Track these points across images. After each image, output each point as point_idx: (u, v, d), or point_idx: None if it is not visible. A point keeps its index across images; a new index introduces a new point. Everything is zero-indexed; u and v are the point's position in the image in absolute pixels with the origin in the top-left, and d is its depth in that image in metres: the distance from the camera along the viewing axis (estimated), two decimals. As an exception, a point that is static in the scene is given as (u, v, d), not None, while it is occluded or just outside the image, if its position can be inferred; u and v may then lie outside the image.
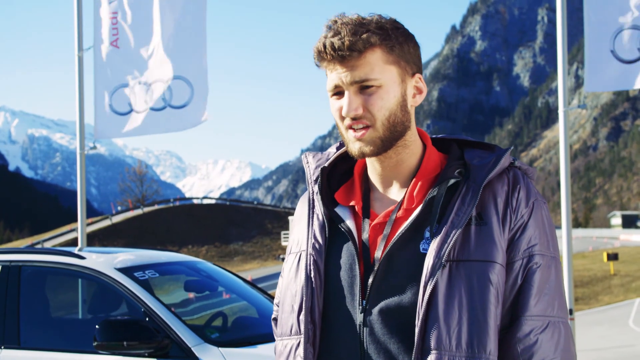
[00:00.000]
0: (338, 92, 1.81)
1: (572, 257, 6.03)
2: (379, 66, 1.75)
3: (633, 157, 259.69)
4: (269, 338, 4.53)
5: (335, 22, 1.77)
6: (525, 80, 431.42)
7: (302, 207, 2.01)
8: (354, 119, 1.77)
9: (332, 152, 2.02)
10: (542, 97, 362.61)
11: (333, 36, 1.75)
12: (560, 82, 6.11)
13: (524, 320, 1.72)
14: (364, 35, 1.73)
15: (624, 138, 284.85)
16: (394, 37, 1.77)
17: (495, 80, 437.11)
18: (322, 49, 1.77)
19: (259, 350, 4.31)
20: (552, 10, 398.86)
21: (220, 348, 4.21)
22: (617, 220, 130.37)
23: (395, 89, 1.78)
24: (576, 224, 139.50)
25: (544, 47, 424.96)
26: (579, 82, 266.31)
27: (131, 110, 7.21)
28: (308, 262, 1.86)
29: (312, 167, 2.00)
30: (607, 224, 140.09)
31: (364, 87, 1.76)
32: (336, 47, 1.74)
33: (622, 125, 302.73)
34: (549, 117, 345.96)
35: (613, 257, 32.78)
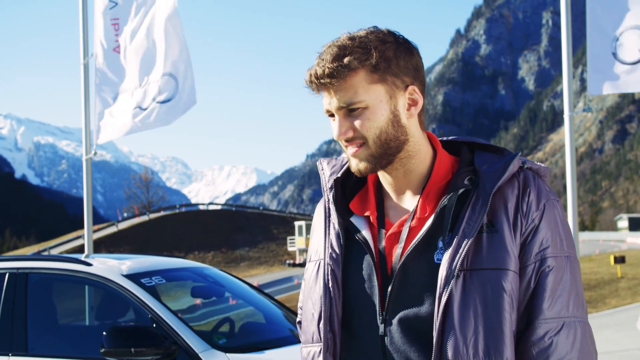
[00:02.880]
0: (332, 114, 1.84)
1: (579, 261, 6.01)
2: (362, 87, 1.77)
3: (639, 159, 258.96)
4: (276, 343, 4.53)
5: (324, 49, 1.81)
6: (530, 84, 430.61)
7: (319, 214, 2.03)
8: (346, 140, 1.81)
9: (345, 158, 2.03)
10: (548, 100, 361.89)
11: (317, 64, 1.79)
12: (566, 86, 6.10)
13: (538, 324, 1.74)
14: (345, 60, 1.76)
15: (630, 141, 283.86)
16: (377, 55, 1.77)
17: (500, 84, 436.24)
18: (308, 78, 1.81)
19: (266, 355, 4.31)
20: (556, 13, 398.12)
21: (227, 354, 4.22)
22: (623, 223, 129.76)
23: (383, 107, 1.79)
24: (583, 227, 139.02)
25: (548, 51, 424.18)
26: (584, 85, 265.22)
27: (125, 111, 7.22)
28: (326, 272, 1.88)
29: (327, 175, 2.02)
30: (613, 227, 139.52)
31: (351, 110, 1.79)
32: (318, 75, 1.78)
33: (628, 128, 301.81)
34: (555, 121, 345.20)
35: (620, 260, 32.64)
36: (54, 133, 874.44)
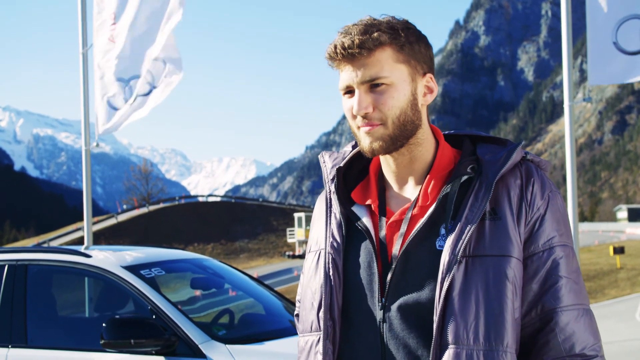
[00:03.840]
0: (350, 91, 1.83)
1: (579, 251, 6.01)
2: (389, 64, 1.78)
3: (638, 150, 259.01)
4: (276, 334, 4.54)
5: (348, 26, 1.82)
6: (529, 75, 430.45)
7: (320, 206, 2.04)
8: (364, 117, 1.80)
9: (347, 150, 2.04)
10: (547, 91, 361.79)
11: (344, 37, 1.78)
12: (566, 76, 6.09)
13: (560, 312, 1.76)
14: (374, 34, 1.76)
15: (629, 132, 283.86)
16: (404, 37, 1.80)
17: (500, 75, 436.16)
18: (333, 49, 1.80)
19: (266, 346, 4.31)
20: (555, 4, 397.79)
21: (227, 345, 4.22)
22: (623, 213, 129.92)
23: (406, 88, 1.80)
24: (582, 217, 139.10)
25: (548, 42, 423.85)
26: (583, 76, 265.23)
27: (126, 103, 7.20)
28: (327, 261, 1.89)
29: (328, 167, 2.03)
30: (613, 218, 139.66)
31: (374, 86, 1.79)
32: (346, 46, 1.77)
33: (628, 119, 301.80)
34: (554, 111, 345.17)
35: (619, 250, 32.68)
36: (53, 125, 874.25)
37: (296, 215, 64.90)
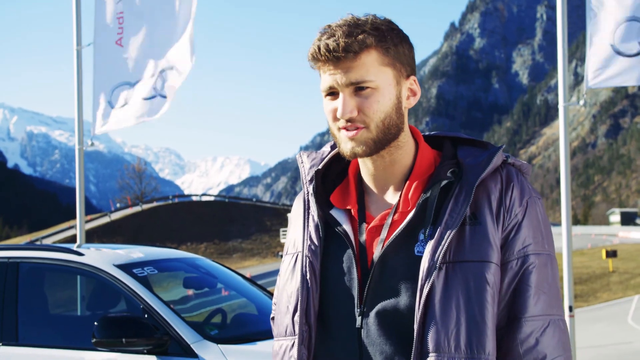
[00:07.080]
0: (332, 93, 1.78)
1: (571, 255, 6.00)
2: (374, 68, 1.73)
3: (632, 154, 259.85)
4: (268, 335, 4.52)
5: (330, 26, 1.76)
6: (524, 78, 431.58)
7: (297, 207, 1.99)
8: (348, 121, 1.75)
9: (326, 151, 1.99)
10: (541, 94, 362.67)
11: (328, 38, 1.73)
12: (560, 76, 6.09)
13: (524, 322, 1.71)
14: (360, 37, 1.71)
15: (622, 135, 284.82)
16: (389, 39, 1.75)
17: (494, 78, 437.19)
18: (317, 51, 1.74)
19: (258, 347, 4.30)
20: (550, 7, 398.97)
21: (219, 345, 4.21)
22: (615, 217, 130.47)
23: (391, 91, 1.76)
24: (575, 221, 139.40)
25: (542, 45, 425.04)
26: (577, 80, 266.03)
27: (125, 104, 7.19)
28: (304, 264, 1.85)
29: (306, 167, 1.98)
30: (605, 221, 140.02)
31: (359, 89, 1.74)
32: (331, 48, 1.71)
33: (621, 123, 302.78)
34: (548, 115, 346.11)
35: (612, 254, 32.79)
36: (47, 123, 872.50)
37: (289, 215, 64.82)
